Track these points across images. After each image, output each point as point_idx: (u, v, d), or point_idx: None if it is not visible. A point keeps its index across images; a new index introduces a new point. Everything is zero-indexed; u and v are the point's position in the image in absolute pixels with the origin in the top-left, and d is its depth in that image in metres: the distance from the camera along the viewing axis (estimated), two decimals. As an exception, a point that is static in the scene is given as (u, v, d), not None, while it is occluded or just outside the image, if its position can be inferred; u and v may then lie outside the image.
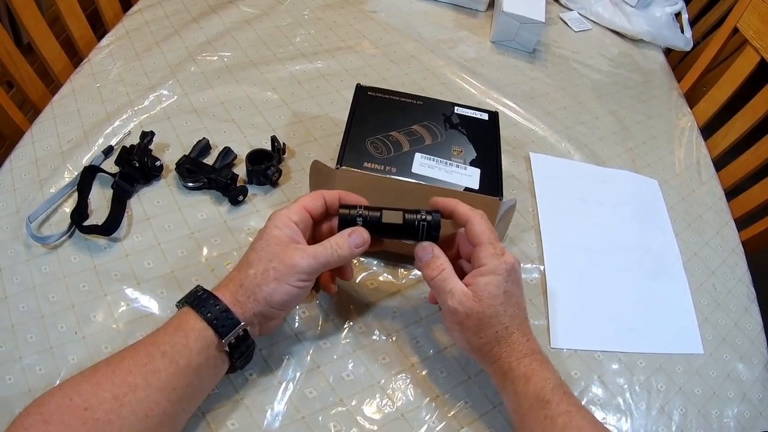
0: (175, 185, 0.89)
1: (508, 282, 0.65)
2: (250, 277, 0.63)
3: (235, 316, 0.61)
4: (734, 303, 0.94)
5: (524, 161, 1.07)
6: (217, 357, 0.62)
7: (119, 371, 0.57)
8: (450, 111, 0.89)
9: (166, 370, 0.58)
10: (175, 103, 1.02)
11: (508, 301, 0.65)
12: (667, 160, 1.16)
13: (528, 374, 0.64)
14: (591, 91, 1.29)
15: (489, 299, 0.64)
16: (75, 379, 0.57)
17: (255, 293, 0.63)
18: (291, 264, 0.63)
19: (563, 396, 0.62)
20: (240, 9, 1.27)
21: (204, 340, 0.60)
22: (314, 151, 0.98)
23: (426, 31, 1.34)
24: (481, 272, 0.65)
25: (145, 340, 0.60)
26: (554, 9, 1.54)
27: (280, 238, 0.65)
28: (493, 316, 0.64)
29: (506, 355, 0.65)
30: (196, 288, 0.65)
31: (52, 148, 0.91)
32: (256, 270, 0.63)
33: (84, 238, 0.80)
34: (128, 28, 1.18)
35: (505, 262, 0.66)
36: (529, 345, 0.66)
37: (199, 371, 0.60)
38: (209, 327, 0.60)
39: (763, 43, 1.21)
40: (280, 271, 0.63)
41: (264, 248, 0.64)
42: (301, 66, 1.15)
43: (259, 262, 0.64)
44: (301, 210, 0.68)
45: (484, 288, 0.64)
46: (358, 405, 0.71)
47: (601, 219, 0.99)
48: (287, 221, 0.66)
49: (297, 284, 0.64)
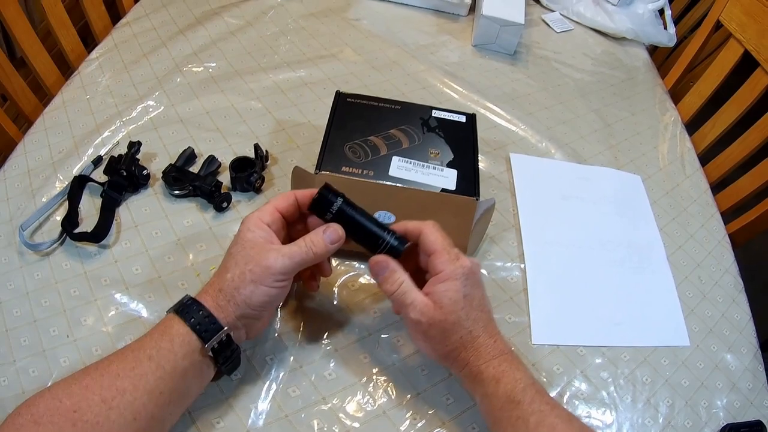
0: (162, 193, 0.91)
1: (467, 286, 0.65)
2: (227, 281, 0.64)
3: (218, 321, 0.62)
4: (721, 294, 0.94)
5: (505, 162, 1.07)
6: (202, 362, 0.63)
7: (108, 375, 0.58)
8: (428, 114, 0.90)
9: (153, 374, 0.58)
10: (162, 114, 1.04)
11: (470, 305, 0.65)
12: (650, 155, 1.17)
13: (497, 376, 0.64)
14: (573, 90, 1.30)
15: (449, 305, 0.64)
16: (65, 381, 0.58)
17: (234, 297, 0.63)
18: (266, 266, 0.63)
19: (535, 395, 0.62)
20: (225, 20, 1.29)
21: (188, 345, 0.61)
22: (297, 157, 1.00)
23: (408, 36, 1.35)
24: (439, 279, 0.65)
25: (132, 345, 0.61)
26: (536, 11, 1.55)
27: (254, 241, 0.65)
28: (455, 323, 0.64)
29: (474, 359, 0.65)
30: (184, 297, 0.65)
31: (44, 158, 0.93)
32: (233, 274, 0.64)
33: (75, 245, 0.82)
34: (117, 40, 1.19)
35: (462, 266, 0.66)
36: (497, 346, 0.66)
37: (185, 376, 0.61)
38: (192, 332, 0.61)
39: (746, 35, 1.22)
40: (256, 273, 0.63)
41: (239, 252, 0.65)
42: (284, 75, 1.17)
43: (236, 266, 0.64)
44: (273, 211, 0.68)
45: (444, 295, 0.64)
46: (340, 403, 0.72)
47: (583, 216, 1.00)
48: (259, 223, 0.67)
49: (274, 285, 0.64)
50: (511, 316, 0.84)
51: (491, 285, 0.88)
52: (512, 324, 0.84)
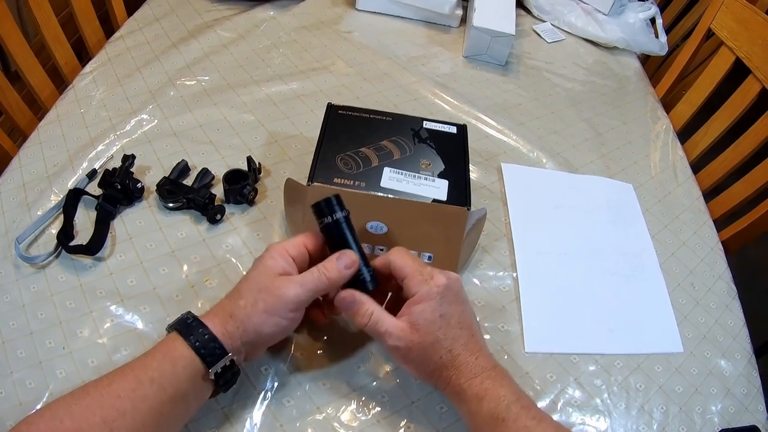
0: (156, 206, 0.91)
1: (443, 305, 0.65)
2: (240, 307, 0.63)
3: (223, 345, 0.62)
4: (714, 300, 0.94)
5: (496, 172, 1.08)
6: (203, 384, 0.62)
7: (108, 395, 0.58)
8: (419, 126, 0.91)
9: (154, 397, 0.58)
10: (156, 127, 1.04)
11: (447, 324, 0.65)
12: (642, 163, 1.17)
13: (480, 394, 0.63)
14: (564, 100, 1.30)
15: (425, 327, 0.64)
16: (65, 400, 0.58)
17: (245, 324, 0.63)
18: (279, 294, 0.63)
19: (520, 411, 0.62)
20: (218, 33, 1.30)
21: (192, 369, 0.61)
22: (289, 169, 1.00)
23: (399, 48, 1.36)
24: (414, 301, 0.65)
25: (133, 365, 0.61)
26: (527, 21, 1.56)
27: (273, 269, 0.65)
28: (434, 343, 0.64)
29: (455, 377, 0.64)
30: (186, 314, 0.64)
31: (39, 172, 0.93)
32: (246, 301, 0.63)
33: (70, 257, 0.82)
34: (110, 54, 1.20)
35: (436, 285, 0.66)
36: (479, 363, 0.65)
37: (186, 397, 0.61)
38: (196, 356, 0.61)
39: (738, 42, 1.22)
40: (269, 303, 0.63)
41: (255, 278, 0.65)
42: (276, 87, 1.17)
43: (249, 293, 0.64)
44: (300, 245, 0.68)
45: (420, 316, 0.64)
46: (334, 412, 0.72)
47: (575, 224, 1.00)
48: (284, 253, 0.66)
49: (286, 316, 0.64)
50: (503, 324, 0.85)
51: (483, 294, 0.88)
52: (505, 332, 0.84)
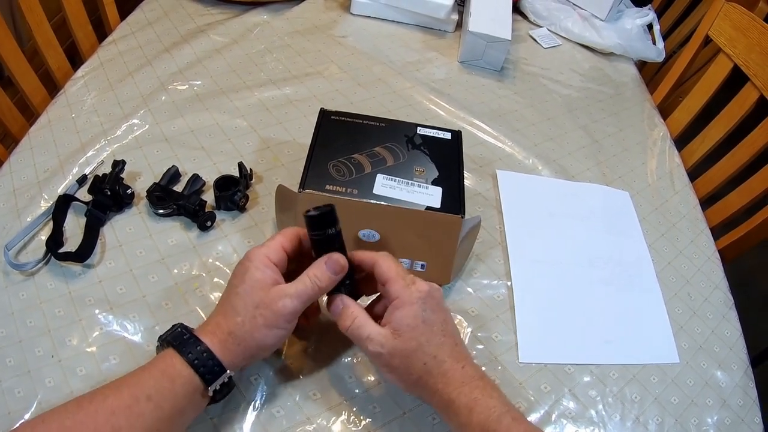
0: (146, 212, 0.90)
1: (425, 310, 0.64)
2: (239, 325, 0.63)
3: (222, 363, 0.62)
4: (711, 310, 0.94)
5: (491, 179, 1.07)
6: (200, 400, 0.62)
7: (103, 411, 0.57)
8: (413, 132, 0.90)
9: (150, 414, 0.58)
10: (147, 132, 1.03)
11: (430, 329, 0.64)
12: (638, 171, 1.17)
13: (470, 405, 0.62)
14: (560, 106, 1.30)
15: (408, 332, 0.63)
16: (58, 413, 0.57)
17: (246, 341, 0.63)
18: (276, 309, 0.63)
19: (511, 423, 0.60)
20: (210, 38, 1.29)
21: (190, 386, 0.60)
22: (281, 176, 0.99)
23: (394, 53, 1.35)
24: (396, 306, 0.65)
25: (128, 380, 0.60)
26: (523, 26, 1.56)
27: (263, 281, 0.64)
28: (417, 349, 0.63)
29: (442, 386, 0.63)
30: (179, 328, 0.64)
31: (29, 178, 0.92)
32: (244, 318, 0.63)
33: (59, 264, 0.81)
34: (103, 59, 1.19)
35: (418, 290, 0.65)
36: (466, 372, 0.64)
37: (183, 414, 0.61)
38: (195, 374, 0.60)
39: (736, 49, 1.22)
40: (268, 318, 0.63)
41: (248, 293, 0.64)
42: (269, 93, 1.16)
43: (246, 309, 0.63)
44: (279, 249, 0.67)
45: (401, 321, 0.63)
46: (325, 423, 0.71)
47: (571, 233, 1.00)
48: (267, 262, 0.66)
49: (285, 327, 0.64)
50: (497, 334, 0.84)
51: (477, 303, 0.87)
52: (499, 342, 0.83)
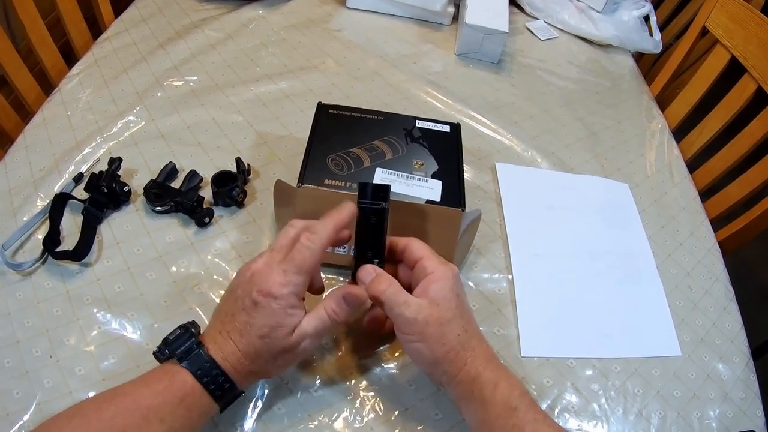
0: (144, 209, 0.89)
1: (458, 286, 0.66)
2: (261, 366, 0.62)
3: (238, 389, 0.62)
4: (712, 303, 0.93)
5: (490, 172, 1.06)
6: (210, 417, 0.63)
7: (113, 429, 0.55)
8: (411, 125, 0.90)
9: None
10: (143, 129, 1.03)
11: (462, 305, 0.66)
12: (637, 163, 1.16)
13: (495, 380, 0.62)
14: (558, 98, 1.30)
15: (445, 302, 0.64)
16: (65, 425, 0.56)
17: (264, 371, 0.64)
18: (297, 352, 0.63)
19: (530, 404, 0.62)
20: (205, 33, 1.28)
21: (207, 415, 0.61)
22: (279, 170, 0.99)
23: (390, 47, 1.35)
24: (432, 279, 0.65)
25: (140, 400, 0.58)
26: (520, 19, 1.55)
27: (287, 325, 0.62)
28: (452, 319, 0.64)
29: (471, 359, 0.63)
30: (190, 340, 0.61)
31: (25, 177, 0.91)
32: (266, 359, 0.62)
33: (56, 263, 0.81)
34: (97, 56, 1.18)
35: (451, 268, 0.67)
36: (489, 350, 0.66)
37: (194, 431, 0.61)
38: (214, 402, 0.60)
39: (733, 41, 1.22)
40: (287, 360, 0.64)
41: (263, 327, 0.60)
42: (265, 87, 1.16)
43: (268, 351, 0.61)
44: (307, 280, 0.64)
45: (439, 292, 0.64)
46: (327, 420, 0.70)
47: (570, 226, 0.99)
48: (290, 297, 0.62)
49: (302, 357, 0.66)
50: (499, 328, 0.83)
51: (479, 297, 0.87)
52: (500, 336, 0.82)
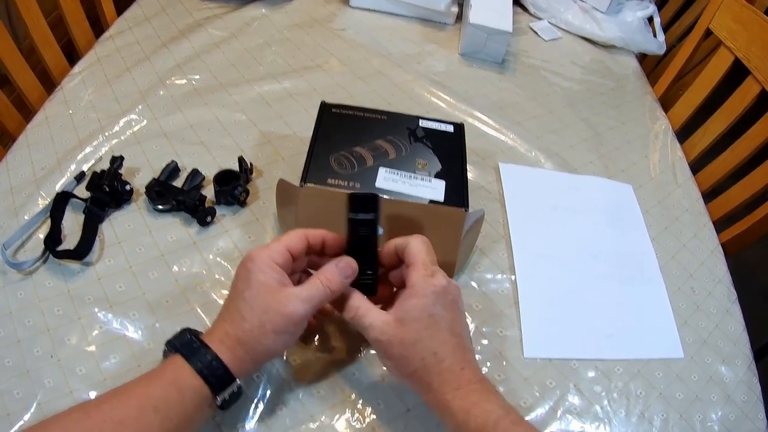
0: (146, 208, 0.89)
1: (436, 305, 0.63)
2: (247, 332, 0.61)
3: (232, 373, 0.60)
4: (714, 305, 0.93)
5: (494, 172, 1.06)
6: (208, 410, 0.61)
7: (109, 421, 0.55)
8: (415, 124, 0.89)
9: (159, 426, 0.56)
10: (145, 128, 1.03)
11: (436, 325, 0.63)
12: (641, 164, 1.16)
13: (467, 408, 0.61)
14: (562, 99, 1.29)
15: (411, 323, 0.62)
16: (63, 422, 0.56)
17: (255, 348, 0.61)
18: (287, 314, 0.61)
19: (510, 426, 0.59)
20: (209, 32, 1.28)
21: (199, 396, 0.59)
22: (282, 170, 0.99)
23: (394, 46, 1.35)
24: (408, 294, 0.64)
25: (135, 390, 0.58)
26: (524, 19, 1.55)
27: (269, 285, 0.62)
28: (417, 342, 0.62)
29: (438, 385, 0.62)
30: (187, 334, 0.62)
31: (26, 175, 0.91)
32: (252, 324, 0.61)
33: (58, 263, 0.80)
34: (100, 54, 1.18)
35: (434, 284, 0.64)
36: (465, 375, 0.63)
37: (191, 423, 0.60)
38: (205, 384, 0.59)
39: (737, 43, 1.21)
40: (277, 324, 0.61)
41: (255, 298, 0.62)
42: (269, 86, 1.16)
43: (253, 315, 0.61)
44: (284, 251, 0.66)
45: (408, 312, 0.63)
46: (328, 421, 0.70)
47: (574, 226, 0.99)
48: (272, 264, 0.64)
49: (295, 331, 0.63)
50: (502, 329, 0.83)
51: (481, 298, 0.86)
52: (504, 337, 0.82)
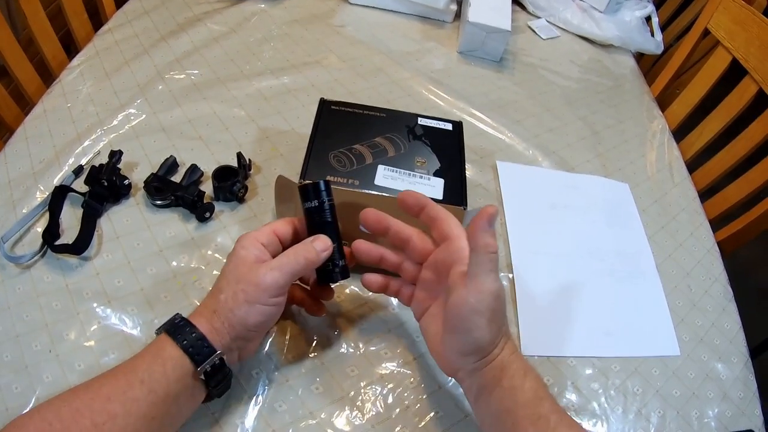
0: (144, 203, 0.89)
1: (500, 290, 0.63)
2: (221, 302, 0.62)
3: (212, 344, 0.61)
4: (711, 303, 0.94)
5: (491, 170, 1.06)
6: (194, 385, 0.61)
7: (99, 398, 0.56)
8: (413, 122, 0.89)
9: (145, 399, 0.57)
10: (144, 122, 1.02)
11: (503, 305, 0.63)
12: (638, 163, 1.16)
13: (525, 369, 0.61)
14: (560, 97, 1.30)
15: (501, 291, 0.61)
16: (54, 403, 0.56)
17: (229, 318, 0.62)
18: (257, 282, 0.62)
19: (553, 397, 0.61)
20: (208, 27, 1.28)
21: (181, 369, 0.59)
22: (280, 166, 0.98)
23: (393, 43, 1.35)
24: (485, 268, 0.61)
25: (122, 367, 0.60)
26: (522, 17, 1.55)
27: (246, 258, 0.64)
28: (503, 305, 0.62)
29: (508, 346, 0.62)
30: (174, 316, 0.63)
31: (24, 169, 0.91)
32: (226, 294, 0.62)
33: (56, 257, 0.80)
34: (98, 47, 1.18)
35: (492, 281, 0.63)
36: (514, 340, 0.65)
37: (177, 400, 0.60)
38: (185, 355, 0.59)
39: (735, 43, 1.22)
40: (248, 293, 0.62)
41: (231, 271, 0.64)
42: (267, 82, 1.16)
43: (228, 286, 0.63)
44: (271, 233, 0.67)
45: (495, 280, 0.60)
46: (327, 417, 0.70)
47: (571, 225, 0.99)
48: (255, 242, 0.65)
49: (268, 302, 0.63)
50: (499, 327, 0.83)
51: (479, 295, 0.86)
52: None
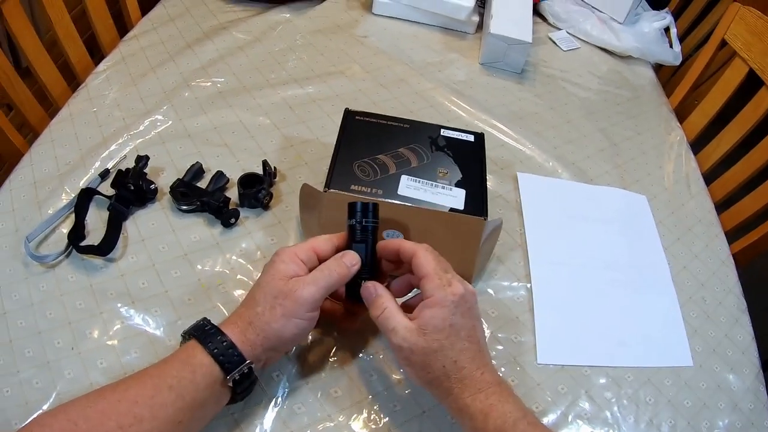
0: (170, 208, 0.91)
1: (455, 314, 0.64)
2: (258, 315, 0.64)
3: (242, 353, 0.62)
4: (724, 314, 0.94)
5: (512, 181, 1.07)
6: (221, 391, 0.62)
7: (125, 401, 0.57)
8: (436, 133, 0.91)
9: (172, 404, 0.58)
10: (170, 128, 1.04)
11: (456, 334, 0.63)
12: (656, 175, 1.17)
13: (485, 410, 0.61)
14: (579, 109, 1.30)
15: (433, 333, 0.63)
16: (80, 403, 0.57)
17: (265, 331, 0.63)
18: (295, 297, 0.63)
19: (527, 427, 0.60)
20: (233, 35, 1.29)
21: (210, 376, 0.61)
22: (305, 174, 1.00)
23: (415, 54, 1.35)
24: (427, 304, 0.64)
25: (150, 371, 0.61)
26: (542, 29, 1.56)
27: (284, 272, 0.65)
28: (438, 350, 0.62)
29: (458, 390, 0.63)
30: (202, 321, 0.65)
31: (50, 170, 0.93)
32: (263, 307, 0.64)
33: (81, 257, 0.82)
34: (124, 53, 1.20)
35: (452, 293, 0.64)
36: (485, 378, 0.64)
37: (204, 405, 0.61)
38: (215, 363, 0.61)
39: (751, 53, 1.22)
40: (287, 307, 0.63)
41: (269, 284, 0.65)
42: (292, 91, 1.17)
43: (265, 299, 0.64)
44: (309, 250, 0.68)
45: (429, 321, 0.63)
46: (345, 421, 0.72)
47: (589, 236, 1.00)
48: (294, 257, 0.66)
49: (305, 317, 0.64)
50: (516, 335, 0.84)
51: (498, 304, 0.88)
52: (518, 343, 0.84)
